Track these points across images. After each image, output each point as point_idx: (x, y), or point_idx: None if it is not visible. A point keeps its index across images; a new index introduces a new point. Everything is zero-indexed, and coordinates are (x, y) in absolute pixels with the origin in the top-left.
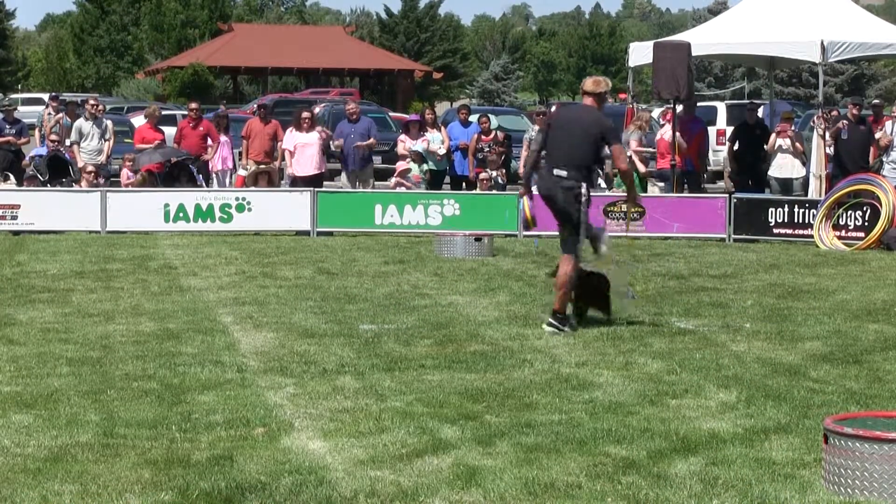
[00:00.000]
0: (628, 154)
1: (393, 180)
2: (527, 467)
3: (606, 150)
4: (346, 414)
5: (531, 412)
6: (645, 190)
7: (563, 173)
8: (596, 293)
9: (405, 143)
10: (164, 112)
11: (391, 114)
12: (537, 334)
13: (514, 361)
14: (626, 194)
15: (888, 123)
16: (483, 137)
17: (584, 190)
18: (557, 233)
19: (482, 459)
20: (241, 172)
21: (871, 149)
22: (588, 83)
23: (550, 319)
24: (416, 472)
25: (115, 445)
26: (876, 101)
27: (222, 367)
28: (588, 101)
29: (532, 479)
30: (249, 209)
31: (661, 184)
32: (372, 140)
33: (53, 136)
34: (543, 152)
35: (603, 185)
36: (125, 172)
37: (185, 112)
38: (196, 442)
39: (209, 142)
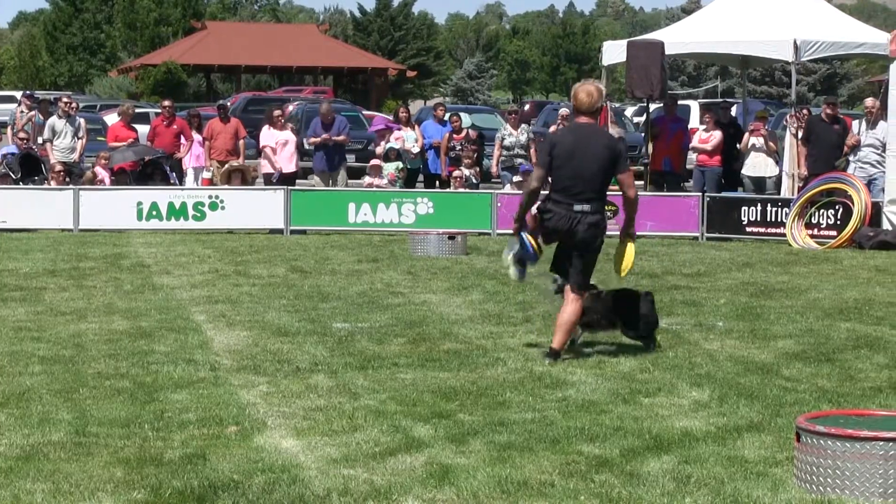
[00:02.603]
0: None
1: (366, 179)
2: (500, 466)
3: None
4: (319, 412)
5: (504, 410)
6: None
7: (587, 207)
8: (629, 313)
9: (382, 146)
10: (137, 110)
11: (365, 112)
12: (510, 332)
13: (487, 360)
14: None
15: (855, 123)
16: (455, 136)
17: (606, 221)
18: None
19: (455, 458)
20: (206, 175)
21: (845, 148)
22: (582, 97)
23: (550, 357)
24: (390, 470)
25: (87, 444)
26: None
27: (195, 366)
28: (585, 119)
29: (505, 477)
30: (223, 207)
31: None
32: (344, 136)
33: (22, 134)
34: (548, 183)
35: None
36: (97, 170)
37: (159, 110)
38: (169, 440)
39: (182, 140)
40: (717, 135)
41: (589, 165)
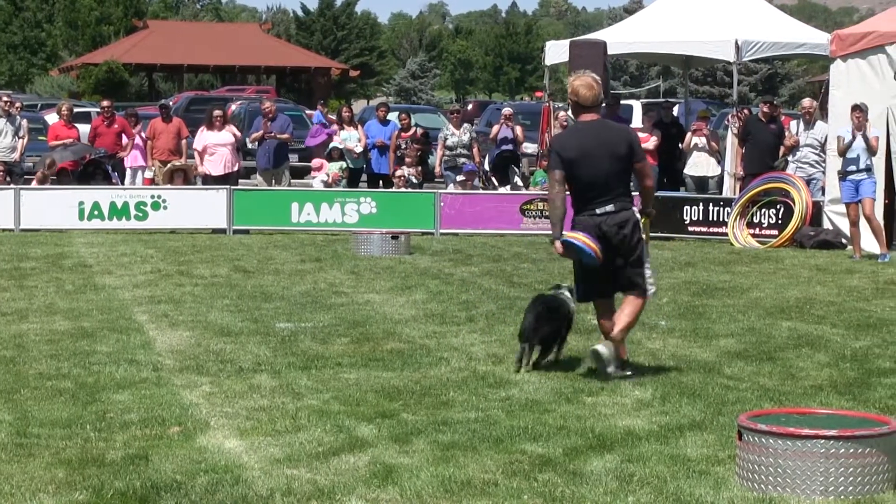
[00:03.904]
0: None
1: (319, 175)
2: (443, 465)
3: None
4: (262, 412)
5: (448, 410)
6: None
7: (609, 208)
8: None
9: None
10: (78, 109)
11: (308, 112)
12: (454, 332)
13: (430, 359)
14: (545, 193)
15: (792, 123)
16: (402, 134)
17: (637, 213)
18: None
19: (399, 457)
20: (148, 174)
21: (782, 148)
22: (584, 92)
23: (624, 371)
24: (333, 470)
25: (28, 445)
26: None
27: (137, 366)
28: (589, 116)
29: (449, 476)
30: (165, 207)
31: None
32: (287, 135)
33: None
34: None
35: (520, 182)
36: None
37: (99, 109)
38: (111, 441)
39: (124, 139)
40: (654, 139)
41: (604, 165)
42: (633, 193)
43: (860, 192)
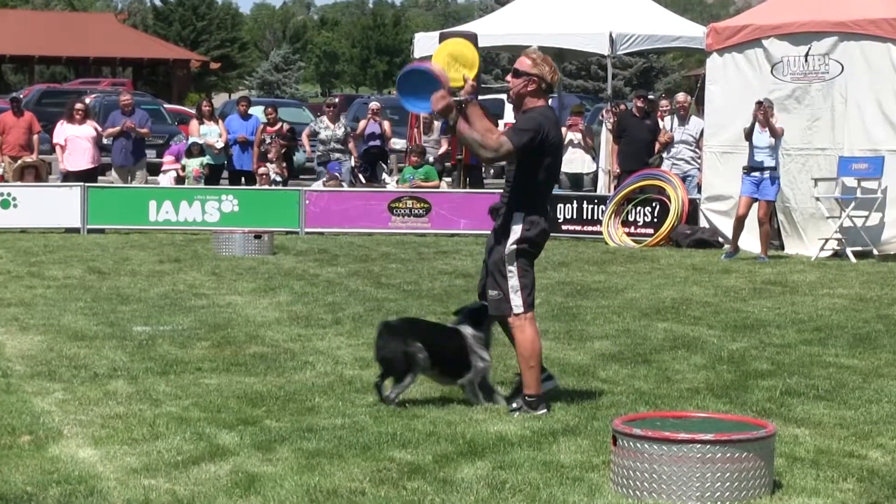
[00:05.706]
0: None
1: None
2: (308, 474)
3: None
4: (118, 420)
5: (313, 416)
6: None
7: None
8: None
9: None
10: None
11: (166, 105)
12: (319, 335)
13: (295, 364)
14: (416, 190)
15: (667, 119)
16: (268, 129)
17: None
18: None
19: (262, 466)
20: None
21: (657, 144)
22: (554, 77)
23: (523, 406)
24: (193, 479)
25: None
26: (651, 96)
27: None
28: (544, 101)
29: (314, 485)
30: (15, 205)
31: None
32: (146, 130)
33: None
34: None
35: (388, 179)
36: None
37: None
38: None
39: None
40: None
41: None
42: None
43: (760, 192)
